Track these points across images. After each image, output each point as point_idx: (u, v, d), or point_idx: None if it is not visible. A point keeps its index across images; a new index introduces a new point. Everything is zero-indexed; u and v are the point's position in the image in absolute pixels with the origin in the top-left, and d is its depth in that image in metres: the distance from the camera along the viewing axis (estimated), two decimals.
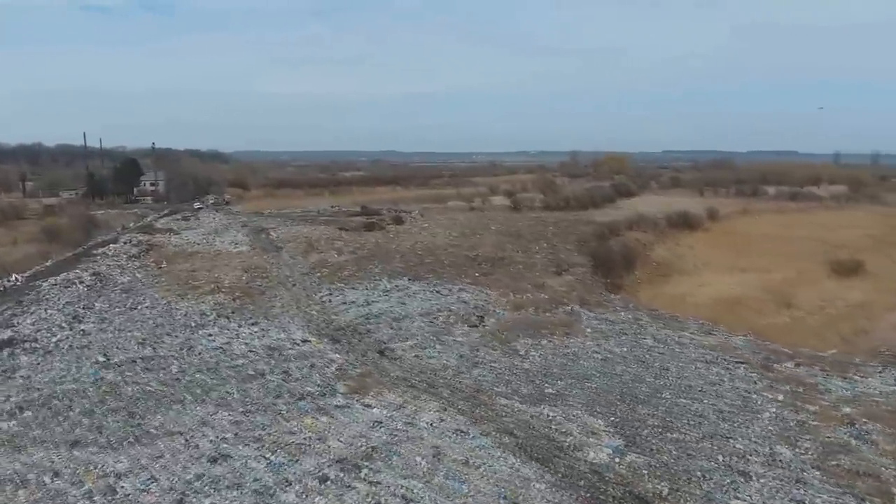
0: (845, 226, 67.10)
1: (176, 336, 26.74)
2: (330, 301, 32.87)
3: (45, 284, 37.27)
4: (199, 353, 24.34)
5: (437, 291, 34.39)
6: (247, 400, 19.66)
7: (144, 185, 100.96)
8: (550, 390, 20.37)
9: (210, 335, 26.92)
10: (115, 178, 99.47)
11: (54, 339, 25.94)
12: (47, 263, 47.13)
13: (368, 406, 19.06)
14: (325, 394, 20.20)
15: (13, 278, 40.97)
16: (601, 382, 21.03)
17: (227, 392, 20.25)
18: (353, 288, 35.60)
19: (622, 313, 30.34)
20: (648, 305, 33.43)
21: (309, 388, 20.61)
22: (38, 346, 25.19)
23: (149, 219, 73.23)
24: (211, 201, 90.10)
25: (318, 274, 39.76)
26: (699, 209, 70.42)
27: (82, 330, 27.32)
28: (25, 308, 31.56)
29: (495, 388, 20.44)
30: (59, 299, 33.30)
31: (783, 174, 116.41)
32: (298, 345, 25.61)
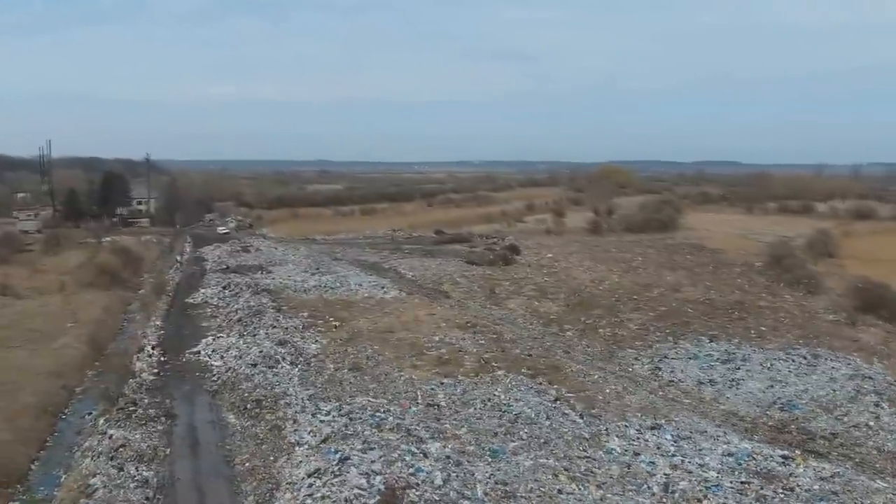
0: None
1: (593, 460, 18.09)
2: (676, 380, 25.02)
3: (222, 364, 26.89)
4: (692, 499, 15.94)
5: (789, 359, 27.00)
6: None
7: (134, 203, 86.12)
8: None
9: (636, 454, 18.79)
10: (96, 195, 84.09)
11: (438, 481, 16.39)
12: (155, 322, 35.56)
13: None
14: None
15: (150, 350, 29.63)
16: None
17: None
18: (664, 356, 27.65)
19: None
20: None
21: None
22: (445, 497, 15.57)
23: (188, 249, 60.84)
24: (233, 224, 77.40)
25: (569, 333, 31.29)
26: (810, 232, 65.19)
27: (459, 461, 17.69)
28: (273, 412, 21.45)
29: None
30: (296, 394, 23.11)
31: (803, 189, 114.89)
32: (786, 465, 18.25)
